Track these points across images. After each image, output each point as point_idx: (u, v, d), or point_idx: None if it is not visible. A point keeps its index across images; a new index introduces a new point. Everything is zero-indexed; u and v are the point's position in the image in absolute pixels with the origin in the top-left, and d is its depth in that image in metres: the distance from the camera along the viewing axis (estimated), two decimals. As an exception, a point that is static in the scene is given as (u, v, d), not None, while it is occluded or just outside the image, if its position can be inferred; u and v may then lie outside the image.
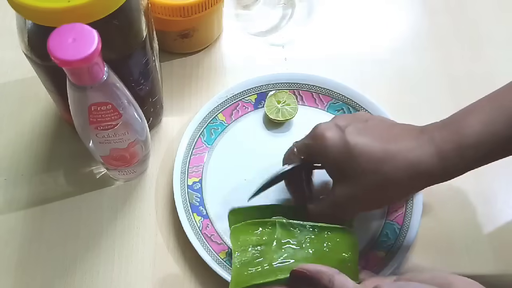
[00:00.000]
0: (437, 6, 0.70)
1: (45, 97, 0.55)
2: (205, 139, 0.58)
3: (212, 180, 0.56)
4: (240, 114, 0.60)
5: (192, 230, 0.51)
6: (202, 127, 0.58)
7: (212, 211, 0.54)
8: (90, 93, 0.39)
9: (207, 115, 0.58)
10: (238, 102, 0.60)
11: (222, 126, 0.59)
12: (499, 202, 0.56)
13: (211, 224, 0.53)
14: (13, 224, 0.53)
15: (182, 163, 0.55)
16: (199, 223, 0.53)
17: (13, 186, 0.55)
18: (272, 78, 0.60)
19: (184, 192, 0.54)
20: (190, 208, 0.53)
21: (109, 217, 0.54)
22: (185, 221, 0.52)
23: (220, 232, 0.53)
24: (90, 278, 0.51)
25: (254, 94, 0.60)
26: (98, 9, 0.39)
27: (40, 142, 0.58)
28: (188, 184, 0.55)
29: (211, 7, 0.58)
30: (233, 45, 0.66)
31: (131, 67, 0.48)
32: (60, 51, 0.34)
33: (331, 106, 0.60)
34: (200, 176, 0.56)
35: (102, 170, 0.56)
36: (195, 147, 0.57)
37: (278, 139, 0.59)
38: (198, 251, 0.50)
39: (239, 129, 0.59)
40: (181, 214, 0.52)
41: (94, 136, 0.44)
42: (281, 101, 0.59)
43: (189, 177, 0.55)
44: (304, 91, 0.60)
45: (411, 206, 0.53)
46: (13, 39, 0.44)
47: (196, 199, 0.54)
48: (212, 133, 0.58)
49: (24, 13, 0.39)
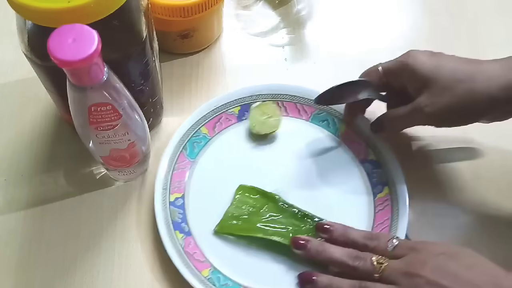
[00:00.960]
0: (437, 6, 0.70)
1: (45, 97, 0.55)
2: (188, 153, 0.56)
3: (195, 196, 0.54)
4: (224, 127, 0.58)
5: (174, 249, 0.50)
6: (184, 141, 0.56)
7: (195, 227, 0.53)
8: (90, 94, 0.39)
9: (189, 129, 0.57)
10: (221, 115, 0.58)
11: (205, 139, 0.57)
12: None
13: (193, 241, 0.52)
14: (13, 225, 0.53)
15: (164, 179, 0.54)
16: (181, 241, 0.51)
17: (13, 186, 0.55)
18: (255, 90, 0.59)
19: (165, 209, 0.52)
20: (172, 225, 0.52)
21: (109, 217, 0.54)
22: (167, 240, 0.50)
23: (203, 249, 0.52)
24: (90, 278, 0.51)
25: (237, 106, 0.59)
26: (98, 9, 0.39)
27: (40, 143, 0.58)
28: (170, 200, 0.53)
29: (211, 7, 0.58)
30: (233, 45, 0.66)
31: (131, 68, 0.48)
32: (60, 52, 0.34)
33: (315, 117, 0.59)
34: (183, 191, 0.54)
35: (102, 171, 0.56)
36: (178, 162, 0.55)
37: (262, 151, 0.57)
38: (181, 271, 0.49)
39: (222, 142, 0.58)
40: (163, 232, 0.50)
41: (94, 136, 0.44)
42: (265, 112, 0.58)
43: (171, 192, 0.54)
44: (287, 102, 0.59)
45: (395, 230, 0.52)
46: (13, 39, 0.44)
47: (178, 215, 0.53)
48: (195, 146, 0.57)
49: (24, 13, 0.39)
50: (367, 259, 0.45)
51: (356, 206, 0.54)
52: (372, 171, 0.56)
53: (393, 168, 0.55)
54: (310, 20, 0.69)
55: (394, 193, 0.54)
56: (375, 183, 0.55)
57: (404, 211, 0.52)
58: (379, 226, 0.53)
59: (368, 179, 0.56)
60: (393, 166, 0.55)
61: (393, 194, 0.54)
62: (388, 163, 0.55)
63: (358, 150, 0.57)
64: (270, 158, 0.57)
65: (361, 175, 0.56)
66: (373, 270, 0.44)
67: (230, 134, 0.58)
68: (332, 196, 0.55)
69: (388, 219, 0.53)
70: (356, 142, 0.58)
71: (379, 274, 0.44)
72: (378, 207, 0.54)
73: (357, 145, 0.57)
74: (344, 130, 0.58)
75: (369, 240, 0.47)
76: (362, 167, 0.56)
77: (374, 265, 0.44)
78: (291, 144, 0.58)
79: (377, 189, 0.55)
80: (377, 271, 0.44)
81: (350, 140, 0.58)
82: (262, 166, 0.56)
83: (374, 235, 0.48)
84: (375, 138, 0.57)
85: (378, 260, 0.45)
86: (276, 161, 0.57)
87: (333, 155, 0.57)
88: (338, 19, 0.69)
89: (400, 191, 0.53)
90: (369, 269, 0.45)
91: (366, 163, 0.56)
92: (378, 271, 0.44)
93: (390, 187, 0.54)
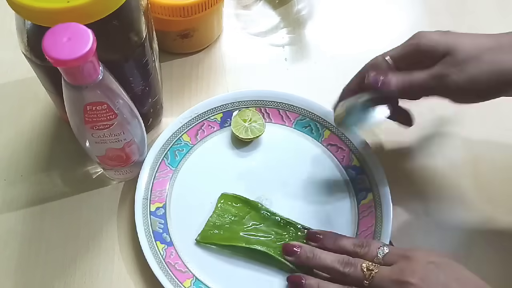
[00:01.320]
0: (437, 6, 0.70)
1: (45, 97, 0.55)
2: (169, 161, 0.55)
3: (176, 205, 0.54)
4: (206, 134, 0.58)
5: (155, 260, 0.49)
6: (165, 149, 0.55)
7: (176, 237, 0.52)
8: (85, 93, 0.39)
9: (170, 137, 0.56)
10: (203, 122, 0.58)
11: (187, 147, 0.57)
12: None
13: (175, 252, 0.51)
14: (12, 225, 0.53)
15: (144, 189, 0.53)
16: (162, 251, 0.50)
17: (12, 186, 0.55)
18: (238, 96, 0.58)
19: (146, 219, 0.52)
20: (153, 236, 0.51)
21: (109, 216, 0.54)
22: (147, 250, 0.50)
23: (184, 259, 0.51)
24: (90, 279, 0.51)
25: (219, 112, 0.58)
26: (97, 9, 0.39)
27: (40, 142, 0.58)
28: (150, 210, 0.52)
29: (211, 7, 0.58)
30: (233, 45, 0.66)
31: (130, 68, 0.47)
32: (55, 51, 0.34)
33: (298, 123, 0.59)
34: (164, 201, 0.54)
35: (99, 170, 0.56)
36: (158, 171, 0.55)
37: (245, 158, 0.57)
38: (162, 282, 0.48)
39: (205, 150, 0.57)
40: (143, 243, 0.50)
41: (90, 136, 0.44)
42: (247, 119, 0.57)
43: (152, 202, 0.53)
44: (270, 108, 0.59)
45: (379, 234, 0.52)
46: (13, 39, 0.44)
47: (159, 225, 0.52)
48: (176, 155, 0.56)
49: (23, 13, 0.39)
50: (358, 265, 0.45)
51: (340, 212, 0.54)
52: (356, 177, 0.55)
53: (376, 173, 0.54)
54: (310, 20, 0.69)
55: (378, 200, 0.53)
56: (358, 189, 0.55)
57: (388, 218, 0.52)
58: (363, 233, 0.52)
59: (352, 185, 0.55)
60: (376, 172, 0.54)
61: (377, 200, 0.53)
62: (372, 169, 0.55)
63: (342, 156, 0.57)
64: (254, 165, 0.56)
65: (344, 182, 0.56)
66: (363, 277, 0.44)
67: (213, 141, 0.58)
68: (316, 203, 0.54)
69: (372, 225, 0.52)
70: (339, 148, 0.57)
71: (369, 281, 0.44)
72: (362, 213, 0.53)
73: (340, 151, 0.57)
74: (327, 135, 0.58)
75: (359, 247, 0.47)
76: (346, 173, 0.56)
77: (364, 272, 0.44)
78: (275, 151, 0.57)
79: (361, 195, 0.54)
80: (367, 277, 0.44)
81: (334, 146, 0.57)
82: (245, 173, 0.56)
83: (364, 242, 0.48)
84: (358, 143, 0.56)
85: (368, 267, 0.45)
86: (259, 168, 0.56)
87: (316, 161, 0.57)
88: (338, 19, 0.69)
89: (384, 198, 0.53)
90: (359, 276, 0.45)
91: (349, 169, 0.56)
92: (368, 278, 0.44)
93: (374, 193, 0.54)
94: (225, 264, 0.51)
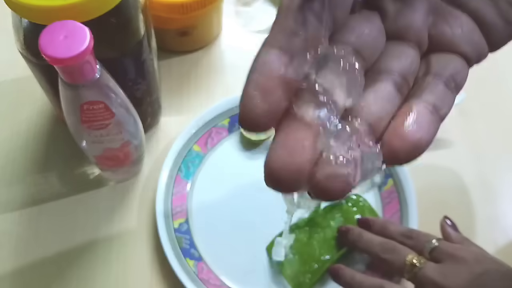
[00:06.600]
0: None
1: (41, 96, 0.55)
2: (184, 175, 0.55)
3: (198, 217, 0.53)
4: (216, 141, 0.57)
5: (189, 278, 0.48)
6: (178, 163, 0.54)
7: (204, 251, 0.51)
8: (82, 92, 0.38)
9: (181, 149, 0.55)
10: (212, 129, 0.57)
11: (199, 157, 0.56)
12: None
13: (206, 266, 0.50)
14: (8, 226, 0.53)
15: (163, 207, 0.52)
16: (194, 268, 0.49)
17: (8, 187, 0.55)
18: None
19: (172, 238, 0.50)
20: (182, 253, 0.50)
21: (106, 218, 0.53)
22: (179, 270, 0.48)
23: (216, 273, 0.50)
24: (85, 281, 0.51)
25: (226, 118, 0.58)
26: (95, 7, 0.38)
27: (36, 142, 0.57)
28: (174, 227, 0.51)
29: (211, 4, 0.58)
30: (233, 43, 0.66)
31: (128, 66, 0.47)
32: (52, 49, 0.33)
33: None
34: (186, 216, 0.53)
35: (96, 171, 0.56)
36: (175, 186, 0.53)
37: (259, 160, 0.56)
38: None
39: (217, 156, 0.56)
40: (174, 264, 0.48)
41: (87, 135, 0.44)
42: None
43: (174, 219, 0.52)
44: None
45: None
46: (9, 38, 0.44)
47: (185, 242, 0.51)
48: (189, 166, 0.55)
49: (20, 11, 0.38)
50: (401, 255, 0.44)
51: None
52: None
53: None
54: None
55: (399, 184, 0.53)
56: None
57: (412, 202, 0.52)
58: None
59: None
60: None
61: (398, 185, 0.53)
62: None
63: None
64: None
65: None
66: (404, 268, 0.43)
67: (223, 147, 0.57)
68: None
69: (397, 211, 0.52)
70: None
71: (410, 275, 0.43)
72: (385, 200, 0.53)
73: None
74: None
75: (407, 238, 0.46)
76: None
77: (406, 264, 0.43)
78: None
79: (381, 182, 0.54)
80: (408, 271, 0.43)
81: None
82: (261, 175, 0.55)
83: (413, 233, 0.46)
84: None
85: (412, 260, 0.43)
86: None
87: None
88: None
89: (405, 182, 0.53)
90: (400, 266, 0.43)
91: None
92: (410, 272, 0.42)
93: (394, 178, 0.54)
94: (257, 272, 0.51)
